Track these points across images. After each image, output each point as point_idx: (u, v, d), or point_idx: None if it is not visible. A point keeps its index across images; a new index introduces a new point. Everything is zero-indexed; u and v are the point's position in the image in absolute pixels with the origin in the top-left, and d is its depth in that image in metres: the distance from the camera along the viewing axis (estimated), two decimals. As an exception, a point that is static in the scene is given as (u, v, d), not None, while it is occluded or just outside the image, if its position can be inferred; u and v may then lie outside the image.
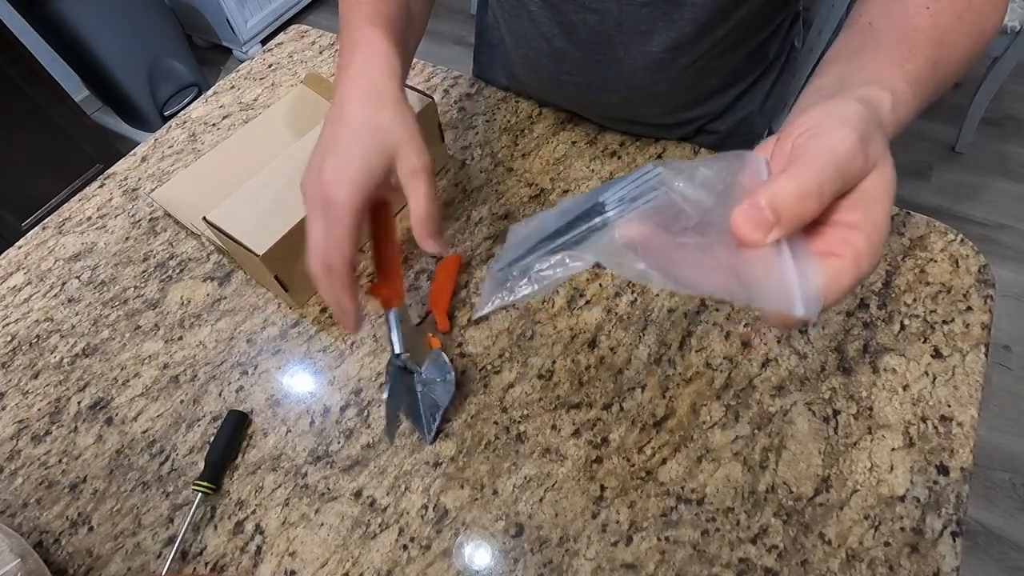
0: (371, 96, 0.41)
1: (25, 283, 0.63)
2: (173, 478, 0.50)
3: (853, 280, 0.26)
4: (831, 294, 0.26)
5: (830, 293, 0.26)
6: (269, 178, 0.55)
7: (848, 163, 0.26)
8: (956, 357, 0.50)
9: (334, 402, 0.52)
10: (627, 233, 0.27)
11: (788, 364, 0.51)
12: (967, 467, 0.45)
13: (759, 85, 0.66)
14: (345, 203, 0.38)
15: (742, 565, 0.43)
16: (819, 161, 0.25)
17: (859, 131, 0.26)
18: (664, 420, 0.49)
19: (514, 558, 0.44)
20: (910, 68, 0.33)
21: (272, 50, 0.84)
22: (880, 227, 0.26)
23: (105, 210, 0.68)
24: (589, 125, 0.69)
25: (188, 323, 0.58)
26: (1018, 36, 1.44)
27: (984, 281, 0.53)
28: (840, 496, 0.44)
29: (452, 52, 2.25)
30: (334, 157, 0.40)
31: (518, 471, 0.47)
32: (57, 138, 1.63)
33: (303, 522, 0.47)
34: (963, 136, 1.72)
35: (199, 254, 0.63)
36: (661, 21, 0.53)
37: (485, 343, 0.54)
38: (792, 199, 0.25)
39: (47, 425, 0.53)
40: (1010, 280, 1.51)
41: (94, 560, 0.46)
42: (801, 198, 0.25)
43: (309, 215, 0.41)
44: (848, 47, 0.36)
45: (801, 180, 0.25)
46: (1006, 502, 1.22)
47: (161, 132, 0.75)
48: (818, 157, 0.26)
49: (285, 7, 2.36)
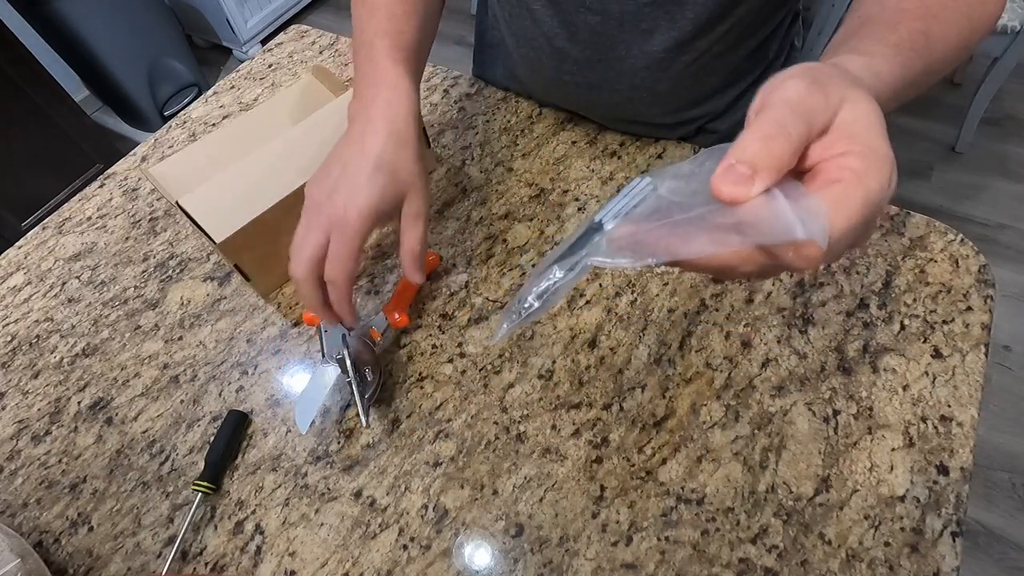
0: (394, 136, 0.45)
1: (25, 283, 0.63)
2: (173, 478, 0.50)
3: (861, 198, 0.25)
4: (840, 217, 0.24)
5: (838, 216, 0.24)
6: (247, 167, 0.56)
7: (803, 101, 0.25)
8: (956, 357, 0.50)
9: (334, 402, 0.52)
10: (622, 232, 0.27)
11: (788, 364, 0.51)
12: (967, 467, 0.45)
13: (759, 85, 0.66)
14: (356, 226, 0.42)
15: (742, 565, 0.43)
16: (773, 107, 0.26)
17: (808, 75, 0.26)
18: (664, 420, 0.49)
19: (514, 558, 0.44)
20: (893, 39, 0.33)
21: (272, 50, 0.84)
22: (876, 148, 0.25)
23: (105, 210, 0.68)
24: (589, 125, 0.69)
25: (188, 323, 0.58)
26: (1018, 36, 1.44)
27: (984, 281, 0.53)
28: (840, 496, 0.44)
29: (452, 52, 2.25)
30: (349, 182, 0.43)
31: (518, 471, 0.47)
32: (57, 138, 1.63)
33: (303, 522, 0.47)
34: (963, 136, 1.72)
35: (199, 254, 0.63)
36: (663, 19, 0.54)
37: (485, 343, 0.54)
38: (757, 145, 0.24)
39: (47, 425, 0.53)
40: (1010, 280, 1.51)
41: (94, 560, 0.46)
42: (766, 141, 0.24)
43: (310, 225, 0.44)
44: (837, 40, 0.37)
45: (760, 126, 0.25)
46: (1006, 502, 1.22)
47: (161, 132, 0.75)
48: (771, 106, 0.26)
49: (285, 7, 2.36)
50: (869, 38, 0.34)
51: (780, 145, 0.24)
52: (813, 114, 0.25)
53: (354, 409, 0.51)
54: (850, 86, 0.27)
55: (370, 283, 0.59)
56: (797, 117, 0.25)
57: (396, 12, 0.50)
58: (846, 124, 0.26)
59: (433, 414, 0.51)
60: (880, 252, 0.56)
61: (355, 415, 0.51)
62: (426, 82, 0.76)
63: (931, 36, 0.34)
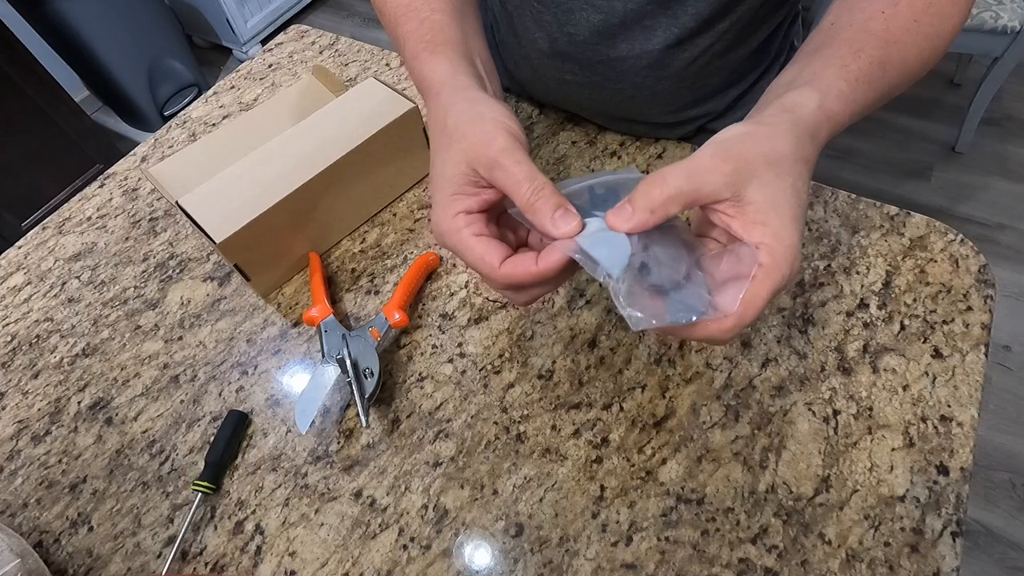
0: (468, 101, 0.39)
1: (25, 283, 0.63)
2: (173, 478, 0.50)
3: (768, 291, 0.31)
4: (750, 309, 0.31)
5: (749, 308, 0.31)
6: (247, 167, 0.56)
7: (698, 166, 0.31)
8: (956, 357, 0.50)
9: (334, 402, 0.52)
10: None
11: (788, 364, 0.51)
12: (967, 467, 0.45)
13: (759, 85, 0.66)
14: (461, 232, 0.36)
15: (742, 565, 0.43)
16: (674, 165, 0.31)
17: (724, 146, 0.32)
18: (664, 420, 0.49)
19: (514, 558, 0.44)
20: (853, 68, 0.36)
21: (272, 50, 0.84)
22: (781, 237, 0.30)
23: (105, 210, 0.68)
24: (589, 125, 0.69)
25: (188, 323, 0.58)
26: (1018, 36, 1.44)
27: (984, 281, 0.53)
28: (840, 496, 0.44)
29: (452, 52, 2.25)
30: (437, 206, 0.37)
31: (518, 471, 0.47)
32: (57, 138, 1.63)
33: (303, 522, 0.47)
34: (963, 136, 1.72)
35: (199, 254, 0.63)
36: (664, 17, 0.54)
37: (485, 343, 0.54)
38: (640, 191, 0.31)
39: (47, 425, 0.53)
40: (1010, 280, 1.51)
41: (94, 560, 0.46)
42: (647, 187, 0.31)
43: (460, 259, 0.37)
44: (809, 47, 0.40)
45: (651, 176, 0.31)
46: (1006, 502, 1.22)
47: (161, 132, 0.75)
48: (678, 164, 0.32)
49: (285, 7, 2.36)
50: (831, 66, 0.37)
51: (654, 195, 0.31)
52: (705, 180, 0.31)
53: (354, 409, 0.51)
54: (765, 165, 0.31)
55: (370, 283, 0.59)
56: (684, 178, 0.31)
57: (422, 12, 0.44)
58: (755, 203, 0.31)
59: (433, 414, 0.51)
60: (880, 252, 0.56)
61: (355, 415, 0.51)
62: (426, 82, 0.76)
63: (888, 65, 0.37)
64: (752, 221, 0.31)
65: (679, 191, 0.31)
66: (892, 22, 0.38)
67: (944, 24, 0.39)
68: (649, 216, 0.31)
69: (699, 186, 0.31)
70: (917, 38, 0.38)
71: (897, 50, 0.37)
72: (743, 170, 0.31)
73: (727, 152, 0.31)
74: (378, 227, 0.63)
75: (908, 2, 0.38)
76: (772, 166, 0.31)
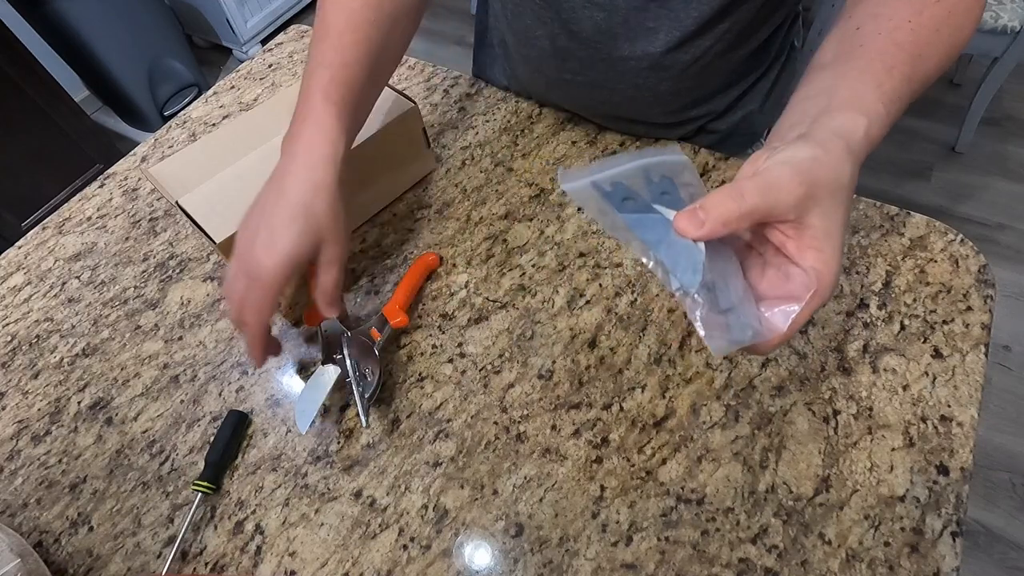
0: (311, 181, 0.44)
1: (25, 283, 0.63)
2: (173, 478, 0.50)
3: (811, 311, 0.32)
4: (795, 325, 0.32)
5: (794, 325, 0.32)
6: (247, 167, 0.56)
7: (778, 187, 0.31)
8: (956, 357, 0.50)
9: (334, 402, 0.52)
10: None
11: (788, 364, 0.51)
12: (967, 467, 0.45)
13: (759, 85, 0.66)
14: (271, 274, 0.43)
15: (742, 565, 0.43)
16: (751, 179, 0.31)
17: (801, 168, 0.31)
18: (664, 420, 0.49)
19: (514, 558, 0.44)
20: (887, 88, 0.36)
21: (272, 50, 0.84)
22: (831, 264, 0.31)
23: (105, 210, 0.68)
24: (589, 125, 0.69)
25: (188, 323, 0.58)
26: (1018, 36, 1.44)
27: (984, 281, 0.53)
28: (840, 496, 0.44)
29: (452, 52, 2.25)
30: (267, 230, 0.43)
31: (518, 471, 0.47)
32: (57, 138, 1.63)
33: (303, 522, 0.47)
34: (963, 136, 1.72)
35: (199, 254, 0.63)
36: (666, 17, 0.54)
37: (485, 343, 0.54)
38: (716, 200, 0.30)
39: (47, 425, 0.53)
40: (1010, 280, 1.51)
41: (94, 560, 0.46)
42: (723, 199, 0.30)
43: (235, 272, 0.44)
44: (835, 52, 0.39)
45: (729, 187, 0.31)
46: (1006, 502, 1.22)
47: (161, 132, 0.75)
48: (755, 175, 0.31)
49: (285, 7, 2.36)
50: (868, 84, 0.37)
51: (730, 207, 0.30)
52: (779, 200, 0.31)
53: (354, 409, 0.51)
54: (828, 193, 0.31)
55: (370, 283, 0.59)
56: (760, 195, 0.30)
57: (345, 42, 0.47)
58: (814, 228, 0.31)
59: (433, 414, 0.51)
60: (880, 252, 0.56)
61: (355, 415, 0.51)
62: (426, 82, 0.76)
63: (913, 80, 0.38)
64: (808, 246, 0.31)
65: (755, 208, 0.30)
66: (918, 34, 0.38)
67: (957, 36, 0.39)
68: (721, 228, 0.30)
69: (773, 205, 0.31)
70: (937, 50, 0.38)
71: (921, 63, 0.38)
72: (813, 195, 0.31)
73: (803, 175, 0.31)
74: (378, 227, 0.63)
75: (931, 12, 0.38)
76: (833, 195, 0.31)
